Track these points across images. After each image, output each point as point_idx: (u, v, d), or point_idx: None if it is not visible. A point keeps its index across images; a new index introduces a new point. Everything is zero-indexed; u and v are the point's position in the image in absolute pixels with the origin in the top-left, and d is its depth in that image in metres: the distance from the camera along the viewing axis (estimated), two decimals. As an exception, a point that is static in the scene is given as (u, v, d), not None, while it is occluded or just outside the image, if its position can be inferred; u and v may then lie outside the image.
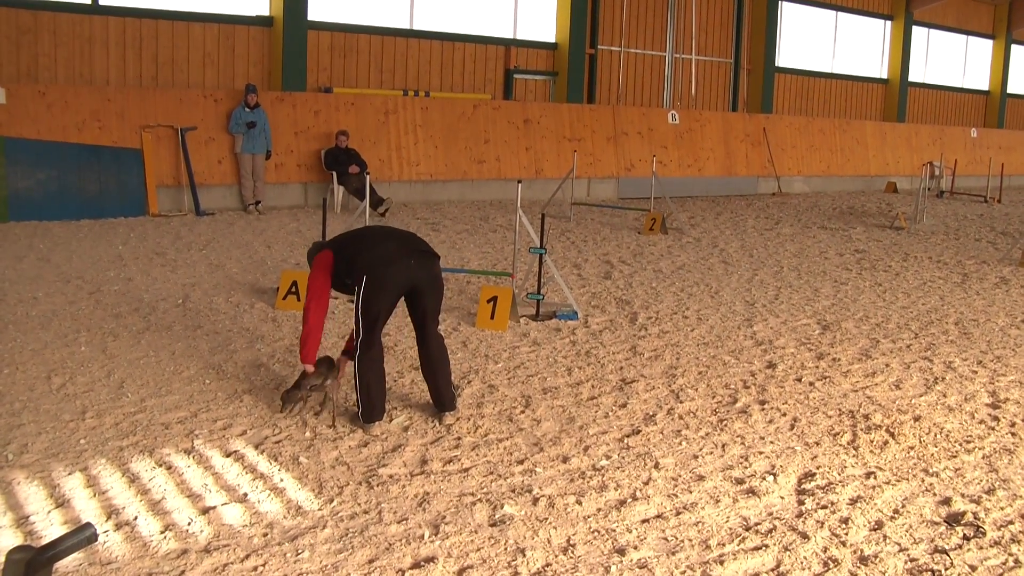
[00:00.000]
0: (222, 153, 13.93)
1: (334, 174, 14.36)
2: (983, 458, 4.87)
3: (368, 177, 9.84)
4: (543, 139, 17.62)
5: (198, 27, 15.18)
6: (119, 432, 4.80)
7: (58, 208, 12.14)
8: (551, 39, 19.76)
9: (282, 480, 4.29)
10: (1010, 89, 31.16)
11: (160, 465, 4.40)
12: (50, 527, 3.75)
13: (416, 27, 17.83)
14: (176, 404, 5.28)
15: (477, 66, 18.71)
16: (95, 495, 4.05)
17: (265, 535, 3.74)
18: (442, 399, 5.16)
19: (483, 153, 16.87)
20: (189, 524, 3.81)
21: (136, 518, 3.84)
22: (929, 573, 3.62)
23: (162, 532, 3.73)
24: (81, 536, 1.87)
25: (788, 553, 3.73)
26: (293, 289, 7.69)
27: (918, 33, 27.71)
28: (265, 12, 15.86)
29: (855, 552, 3.76)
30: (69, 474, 4.25)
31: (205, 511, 3.93)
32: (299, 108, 14.89)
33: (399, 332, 6.98)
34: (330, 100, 15.43)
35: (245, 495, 4.11)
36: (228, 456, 4.55)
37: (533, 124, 17.50)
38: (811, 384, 6.11)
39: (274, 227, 12.37)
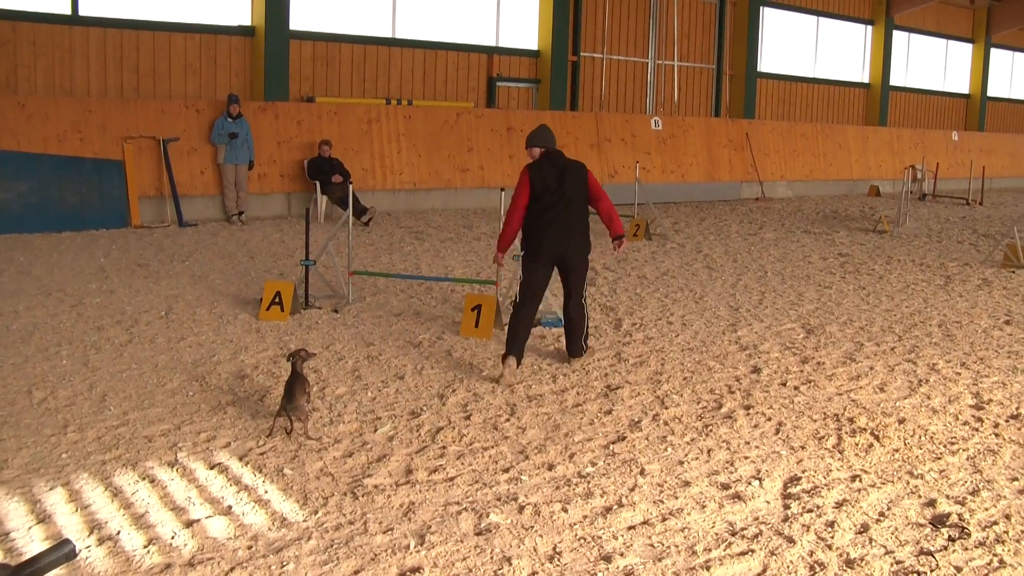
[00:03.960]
0: (204, 164, 13.88)
1: (317, 184, 14.33)
2: (967, 459, 4.89)
3: (351, 186, 9.79)
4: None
5: (179, 37, 15.12)
6: (101, 446, 4.77)
7: (39, 220, 12.06)
8: (534, 47, 19.80)
9: (267, 492, 4.26)
10: (990, 92, 31.43)
11: (143, 478, 4.37)
12: (31, 543, 3.71)
13: (398, 35, 17.83)
14: (159, 417, 5.25)
15: (460, 74, 18.72)
16: (77, 510, 4.01)
17: (250, 547, 3.72)
18: (572, 348, 6.54)
19: (466, 161, 16.87)
20: (173, 538, 3.78)
21: (119, 532, 3.81)
22: (915, 575, 3.63)
23: (145, 546, 3.70)
24: (60, 552, 1.85)
25: (774, 557, 3.74)
26: (276, 300, 7.65)
27: (899, 37, 27.92)
28: (247, 22, 15.82)
29: (841, 555, 3.77)
30: (51, 489, 4.21)
31: (189, 524, 3.90)
32: (282, 118, 14.86)
33: (383, 342, 6.96)
34: (313, 109, 15.40)
35: (229, 507, 4.08)
36: (212, 468, 4.52)
37: (516, 132, 17.51)
38: (796, 388, 6.13)
39: (257, 238, 12.33)
